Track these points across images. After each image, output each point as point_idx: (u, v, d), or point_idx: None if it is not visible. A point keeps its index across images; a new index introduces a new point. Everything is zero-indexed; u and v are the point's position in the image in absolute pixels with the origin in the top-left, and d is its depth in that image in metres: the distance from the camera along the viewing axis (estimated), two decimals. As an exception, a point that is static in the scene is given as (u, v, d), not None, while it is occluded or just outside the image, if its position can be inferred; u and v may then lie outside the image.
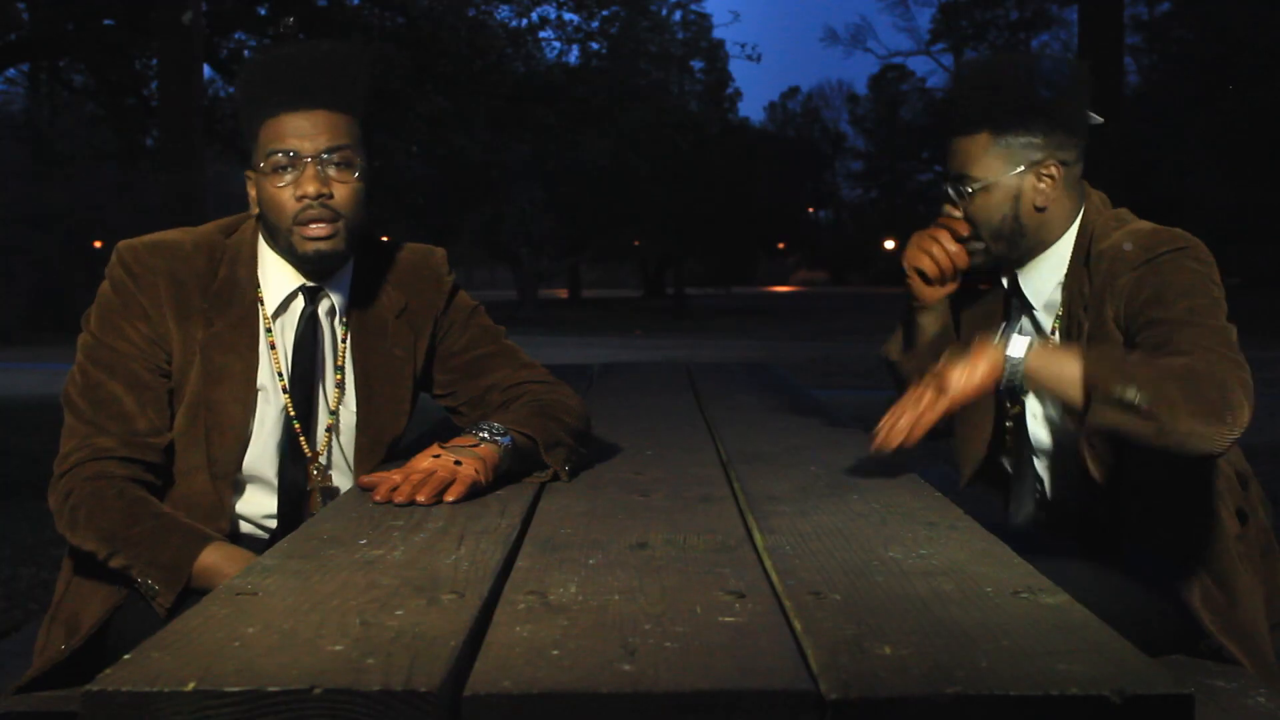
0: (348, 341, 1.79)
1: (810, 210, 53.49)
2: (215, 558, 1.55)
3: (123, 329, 1.66)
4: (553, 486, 1.59)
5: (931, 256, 1.83)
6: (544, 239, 32.25)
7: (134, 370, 1.65)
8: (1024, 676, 0.83)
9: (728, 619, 0.98)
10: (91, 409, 1.64)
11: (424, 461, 1.53)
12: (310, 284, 1.73)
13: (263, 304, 1.72)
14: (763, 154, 41.05)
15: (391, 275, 1.83)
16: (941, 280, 1.87)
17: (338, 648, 0.89)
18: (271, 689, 0.81)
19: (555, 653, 0.89)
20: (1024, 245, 1.79)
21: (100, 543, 1.57)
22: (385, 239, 1.89)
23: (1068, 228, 1.78)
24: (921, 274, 1.86)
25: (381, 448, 1.81)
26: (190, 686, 0.81)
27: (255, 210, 1.71)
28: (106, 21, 9.97)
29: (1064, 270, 1.78)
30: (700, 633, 0.94)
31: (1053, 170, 1.75)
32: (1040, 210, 1.77)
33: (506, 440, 1.60)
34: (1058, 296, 1.79)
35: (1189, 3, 28.03)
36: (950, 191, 1.81)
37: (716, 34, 43.51)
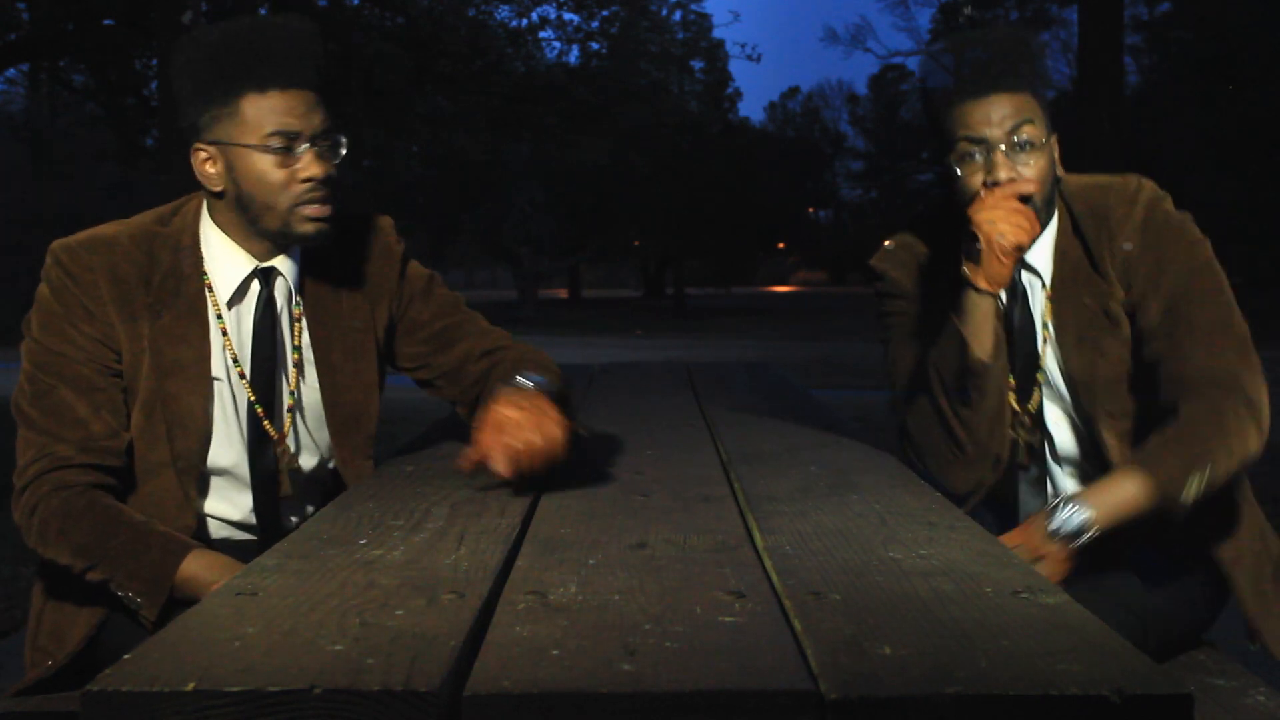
0: (303, 320, 1.75)
1: (810, 210, 53.51)
2: (197, 566, 1.52)
3: (67, 332, 1.61)
4: (552, 486, 1.59)
5: (1026, 231, 1.64)
6: (544, 239, 32.25)
7: (84, 374, 1.60)
8: (1024, 676, 0.83)
9: (728, 619, 0.98)
10: (45, 418, 1.59)
11: (526, 432, 1.50)
12: (262, 265, 1.69)
13: (211, 291, 1.68)
14: (763, 154, 41.07)
15: (340, 247, 1.78)
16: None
17: (338, 648, 0.89)
18: (271, 689, 0.81)
19: (555, 653, 0.89)
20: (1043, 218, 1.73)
21: (75, 557, 1.54)
22: None
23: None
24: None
25: (360, 425, 1.78)
26: (190, 686, 0.81)
27: (220, 187, 1.63)
28: (106, 21, 9.97)
29: (1053, 236, 1.76)
30: (700, 633, 0.94)
31: (1055, 142, 1.74)
32: (1058, 178, 1.75)
33: (554, 391, 1.65)
34: (1049, 264, 1.77)
35: (1189, 3, 28.03)
36: (1004, 149, 1.67)
37: (716, 34, 43.57)
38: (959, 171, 1.70)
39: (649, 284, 42.36)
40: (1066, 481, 1.83)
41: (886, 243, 1.96)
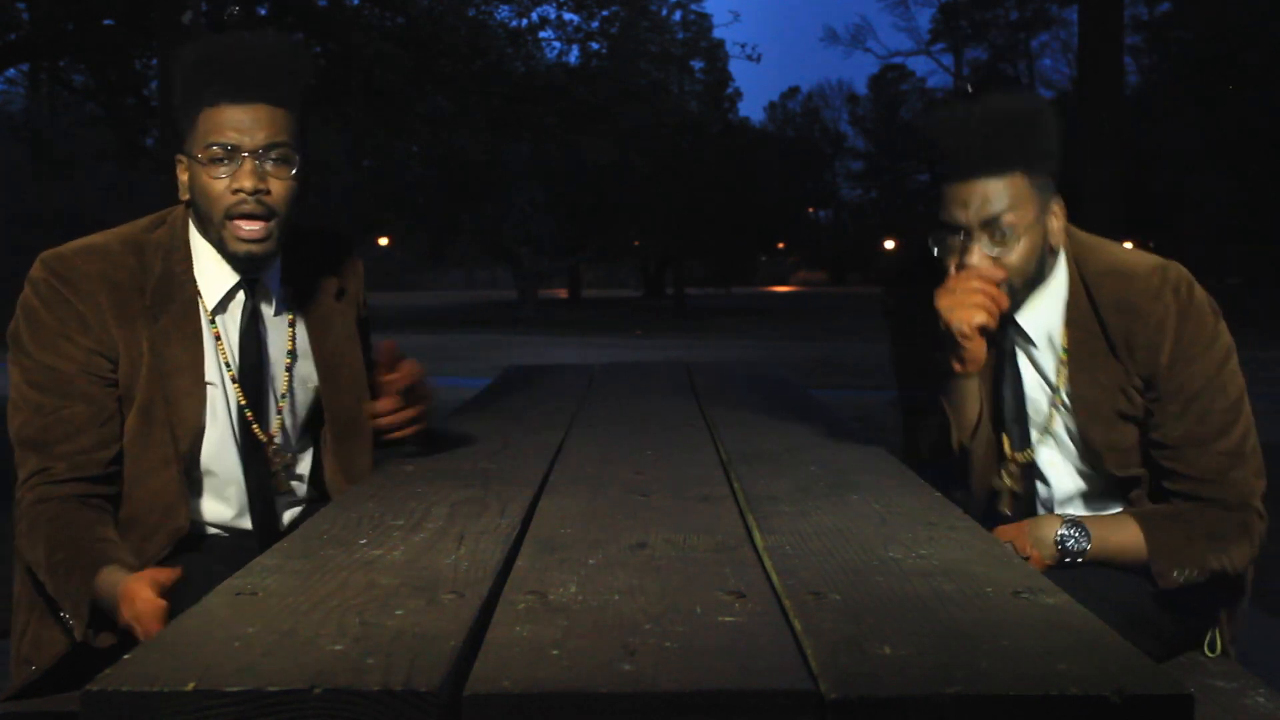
0: (296, 326, 1.80)
1: (810, 210, 53.52)
2: (101, 588, 1.47)
3: (60, 346, 1.60)
4: (552, 486, 1.59)
5: (987, 310, 1.64)
6: (544, 239, 32.25)
7: (77, 387, 1.60)
8: (1024, 676, 0.83)
9: (728, 619, 0.98)
10: (38, 435, 1.59)
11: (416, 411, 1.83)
12: (247, 277, 1.72)
13: (201, 298, 1.70)
14: (763, 154, 41.06)
15: (320, 259, 1.85)
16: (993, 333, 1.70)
17: (338, 648, 0.89)
18: (271, 689, 0.81)
19: (555, 653, 0.89)
20: (1035, 287, 1.73)
21: (39, 571, 1.56)
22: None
23: (1057, 262, 1.75)
24: (984, 331, 1.66)
25: (360, 425, 1.83)
26: (190, 686, 0.81)
27: (185, 195, 1.68)
28: (106, 21, 9.96)
29: (1063, 304, 1.74)
30: (700, 633, 0.94)
31: (1058, 209, 1.71)
32: (1053, 251, 1.72)
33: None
34: (1059, 331, 1.75)
35: (1189, 3, 28.04)
36: (979, 237, 1.66)
37: (716, 34, 43.56)
38: (936, 252, 1.71)
39: (649, 284, 42.36)
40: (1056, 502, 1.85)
41: (894, 264, 2.00)
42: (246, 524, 1.75)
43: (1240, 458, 1.67)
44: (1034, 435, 1.80)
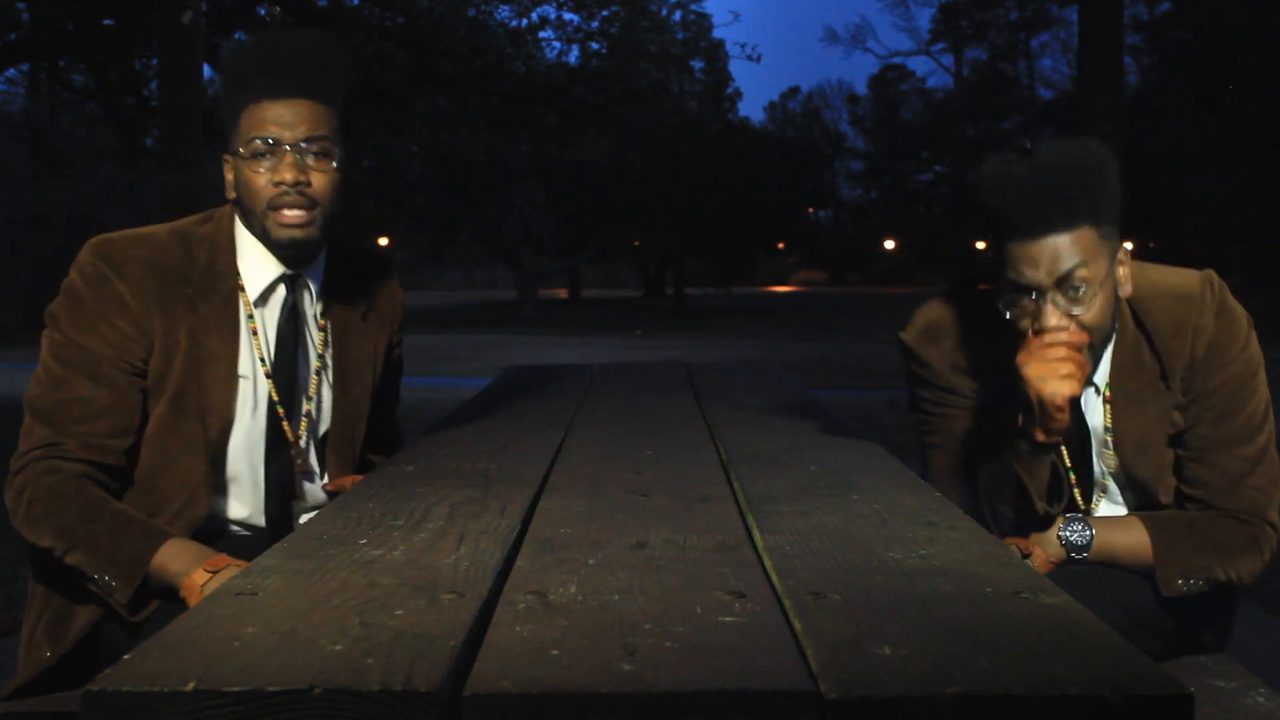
0: (327, 331, 1.82)
1: (810, 210, 53.53)
2: (167, 555, 1.55)
3: (97, 327, 1.63)
4: (552, 486, 1.59)
5: (1076, 379, 1.55)
6: (544, 239, 32.27)
7: (104, 370, 1.63)
8: (1024, 676, 0.83)
9: (728, 619, 0.98)
10: (54, 409, 1.61)
11: None
12: (290, 272, 1.75)
13: (243, 291, 1.73)
14: (763, 154, 41.09)
15: (356, 276, 1.88)
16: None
17: (338, 648, 0.89)
18: (271, 689, 0.81)
19: (555, 653, 0.89)
20: (1108, 342, 1.67)
21: (57, 538, 1.56)
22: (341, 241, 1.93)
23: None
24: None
25: (350, 444, 1.84)
26: (190, 686, 0.81)
27: (231, 194, 1.72)
28: (106, 21, 9.97)
29: (1111, 346, 1.69)
30: (700, 633, 0.94)
31: (1124, 255, 1.64)
32: (1119, 299, 1.65)
33: None
34: (1104, 370, 1.71)
35: (1189, 3, 28.06)
36: (1053, 296, 1.57)
37: (716, 34, 43.53)
38: (1008, 315, 1.62)
39: (649, 284, 42.39)
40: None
41: (919, 315, 1.86)
42: (262, 521, 1.76)
43: (1260, 464, 1.66)
44: (1096, 487, 1.78)
